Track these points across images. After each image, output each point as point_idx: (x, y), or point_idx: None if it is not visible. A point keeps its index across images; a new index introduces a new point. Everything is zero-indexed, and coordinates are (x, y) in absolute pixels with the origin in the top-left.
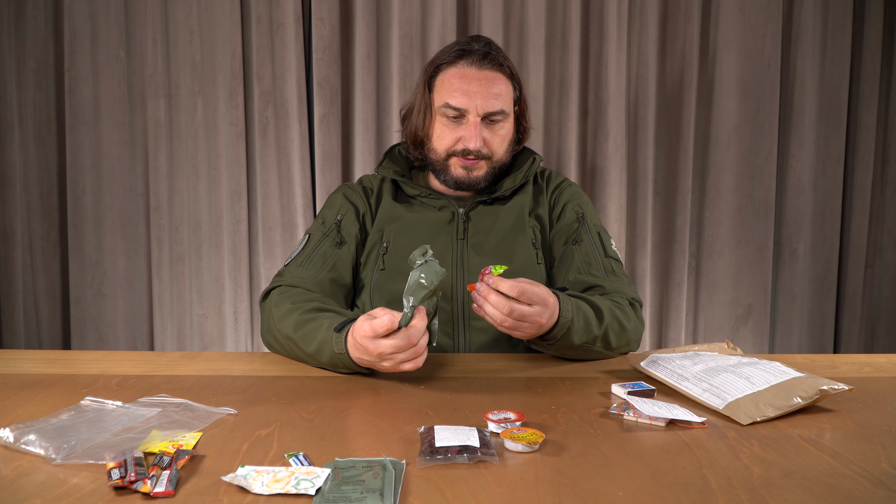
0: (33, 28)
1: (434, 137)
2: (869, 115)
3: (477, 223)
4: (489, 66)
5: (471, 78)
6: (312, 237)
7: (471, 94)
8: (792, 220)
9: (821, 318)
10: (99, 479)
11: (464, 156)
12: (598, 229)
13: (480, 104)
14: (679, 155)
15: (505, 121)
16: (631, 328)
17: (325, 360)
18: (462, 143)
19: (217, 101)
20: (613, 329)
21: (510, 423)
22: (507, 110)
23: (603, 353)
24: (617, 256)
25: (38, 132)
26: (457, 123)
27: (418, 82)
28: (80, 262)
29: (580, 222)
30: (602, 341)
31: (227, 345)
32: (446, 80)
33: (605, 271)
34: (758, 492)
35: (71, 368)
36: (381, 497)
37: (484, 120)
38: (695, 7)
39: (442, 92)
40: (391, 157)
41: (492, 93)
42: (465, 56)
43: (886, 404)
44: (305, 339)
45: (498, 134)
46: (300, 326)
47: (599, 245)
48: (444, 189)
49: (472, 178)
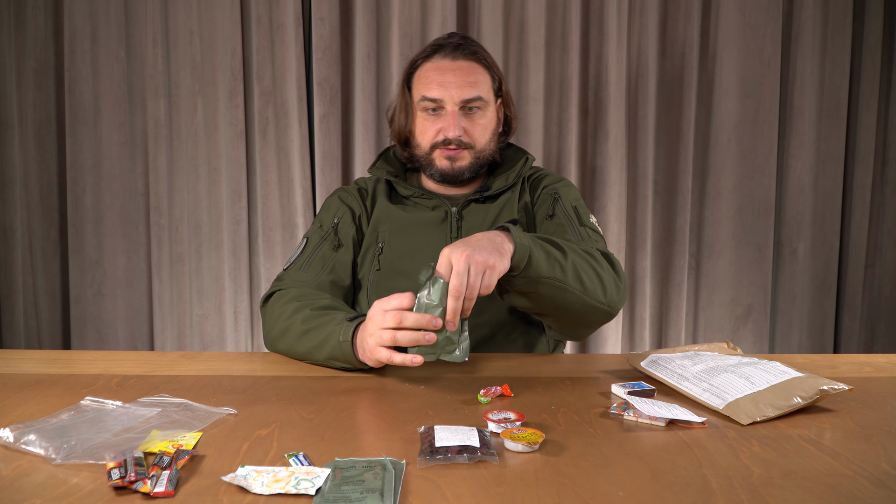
0: (33, 28)
1: (417, 133)
2: (869, 115)
3: (470, 221)
4: (462, 56)
5: (445, 69)
6: (310, 241)
7: (446, 84)
8: (792, 220)
9: (821, 318)
10: (99, 479)
11: (445, 146)
12: (574, 204)
13: (456, 93)
14: (679, 155)
15: (484, 109)
16: (607, 277)
17: (325, 352)
18: (442, 133)
19: (217, 101)
20: (583, 268)
21: (510, 423)
22: (485, 98)
23: (581, 299)
24: (595, 227)
25: (38, 132)
26: (436, 116)
27: (399, 83)
28: (80, 262)
29: (554, 199)
30: (574, 278)
31: (227, 345)
32: (423, 75)
33: (580, 237)
34: (758, 492)
35: (71, 368)
36: (381, 497)
37: (462, 109)
38: (695, 7)
39: (419, 87)
40: (385, 159)
41: (467, 81)
42: (439, 50)
43: (886, 404)
44: (313, 332)
45: (478, 123)
46: (310, 320)
47: (574, 216)
48: (436, 189)
49: (456, 168)
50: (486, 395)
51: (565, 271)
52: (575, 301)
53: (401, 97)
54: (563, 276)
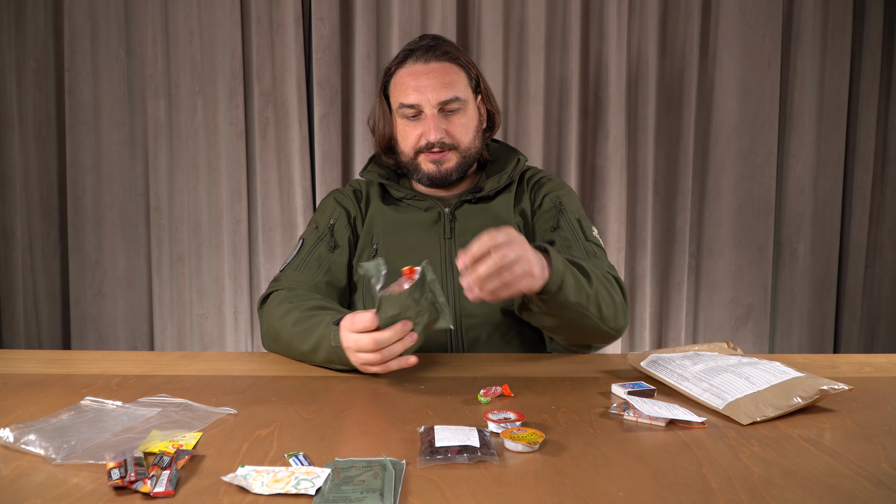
0: (33, 28)
1: (400, 140)
2: (869, 115)
3: (463, 222)
4: (435, 58)
5: (419, 73)
6: (307, 242)
7: (421, 88)
8: (792, 220)
9: (821, 318)
10: (99, 479)
11: (429, 150)
12: (577, 216)
13: (432, 96)
14: (679, 155)
15: (464, 108)
16: (619, 302)
17: (322, 356)
18: (424, 138)
19: (217, 101)
20: (602, 296)
21: (510, 423)
22: (463, 97)
23: (595, 324)
24: (599, 242)
25: (38, 132)
26: (416, 121)
27: (377, 92)
28: (80, 262)
29: (558, 209)
30: (595, 305)
31: (227, 345)
32: (398, 82)
33: (587, 253)
34: (758, 492)
35: (71, 368)
36: (381, 497)
37: (441, 111)
38: (695, 7)
39: (396, 94)
40: (377, 162)
41: (442, 83)
42: (411, 55)
43: (886, 404)
44: (304, 334)
45: (458, 122)
46: (300, 322)
47: (579, 230)
48: (427, 191)
49: (443, 170)
50: (486, 395)
51: (589, 298)
52: (591, 326)
53: (379, 106)
54: (587, 302)
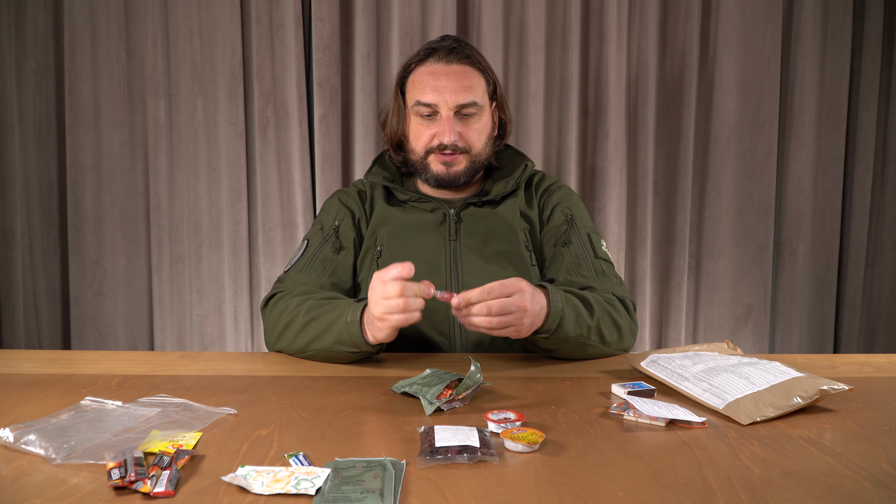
0: (33, 28)
1: (411, 138)
2: (869, 115)
3: (468, 224)
4: (457, 60)
5: (439, 73)
6: (311, 243)
7: (440, 89)
8: (792, 220)
9: (821, 318)
10: (99, 479)
11: (441, 151)
12: (587, 230)
13: (451, 98)
14: (679, 155)
15: (479, 113)
16: (624, 325)
17: (332, 336)
18: (437, 139)
19: (217, 101)
20: (605, 322)
21: (510, 423)
22: (480, 102)
23: (599, 349)
24: (608, 258)
25: (38, 132)
26: (431, 121)
27: (392, 87)
28: (80, 262)
29: (569, 224)
30: (596, 334)
31: (227, 345)
32: (416, 80)
33: (596, 272)
34: (758, 492)
35: (71, 368)
36: (381, 497)
37: (457, 114)
38: (695, 7)
39: (413, 91)
40: (381, 164)
41: (461, 86)
42: (433, 54)
43: (886, 404)
44: (319, 319)
45: (473, 127)
46: (315, 308)
47: (589, 246)
48: (433, 193)
49: (452, 173)
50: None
51: (591, 329)
52: (594, 352)
53: (394, 101)
54: (588, 333)
